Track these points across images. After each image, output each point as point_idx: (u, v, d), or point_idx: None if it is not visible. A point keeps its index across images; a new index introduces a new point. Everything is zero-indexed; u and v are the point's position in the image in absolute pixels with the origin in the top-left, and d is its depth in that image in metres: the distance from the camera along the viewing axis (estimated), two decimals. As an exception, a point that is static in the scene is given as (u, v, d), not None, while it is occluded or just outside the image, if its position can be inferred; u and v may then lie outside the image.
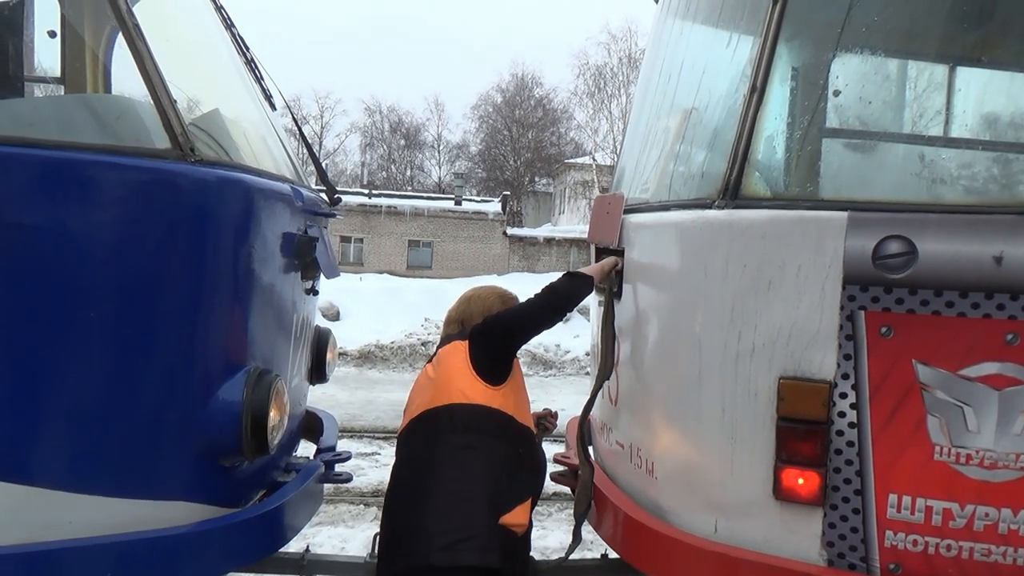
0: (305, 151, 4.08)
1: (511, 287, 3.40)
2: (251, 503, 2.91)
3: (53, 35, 3.69)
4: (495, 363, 2.89)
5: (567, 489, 3.69)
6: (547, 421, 3.46)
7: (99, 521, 2.39)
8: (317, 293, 3.55)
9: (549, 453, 3.29)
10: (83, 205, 2.32)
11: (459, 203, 41.25)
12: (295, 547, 3.35)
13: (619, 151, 3.85)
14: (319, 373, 3.82)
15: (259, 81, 3.70)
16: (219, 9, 3.54)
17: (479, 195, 50.68)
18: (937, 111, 3.17)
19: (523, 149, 56.85)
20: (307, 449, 3.81)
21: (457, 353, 2.90)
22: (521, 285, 4.85)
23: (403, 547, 2.67)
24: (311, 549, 3.54)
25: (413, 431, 2.88)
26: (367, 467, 7.70)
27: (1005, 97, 3.23)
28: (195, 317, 2.55)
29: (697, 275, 2.60)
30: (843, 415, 2.33)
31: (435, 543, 2.58)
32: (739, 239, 2.47)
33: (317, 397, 4.12)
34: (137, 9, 2.53)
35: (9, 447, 2.29)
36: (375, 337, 15.45)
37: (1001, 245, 2.12)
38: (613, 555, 3.22)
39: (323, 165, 4.30)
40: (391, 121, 63.04)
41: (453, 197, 42.84)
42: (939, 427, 2.23)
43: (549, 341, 15.17)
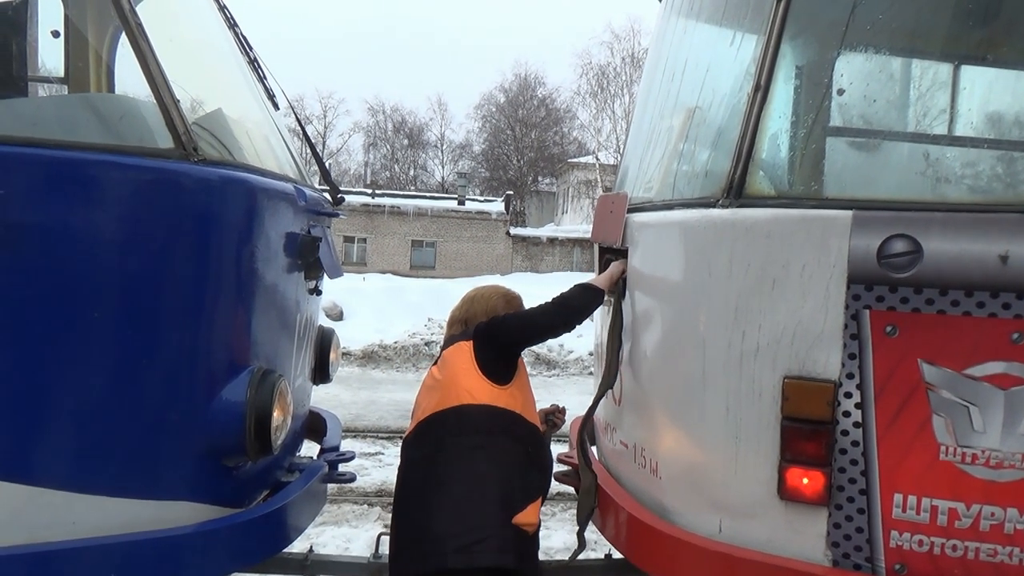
0: (308, 151, 4.08)
1: (514, 287, 3.39)
2: (255, 503, 2.91)
3: (57, 35, 3.70)
4: (500, 364, 2.88)
5: (571, 489, 3.68)
6: (555, 417, 3.44)
7: (102, 521, 2.39)
8: (320, 293, 3.55)
9: (553, 453, 3.28)
10: (86, 205, 2.32)
11: (462, 203, 41.31)
12: (299, 547, 3.36)
13: (622, 150, 3.85)
14: (322, 373, 3.81)
15: (262, 81, 3.70)
16: (222, 9, 3.54)
17: (482, 195, 50.72)
18: (942, 109, 3.16)
19: (526, 149, 56.85)
20: (311, 449, 3.81)
21: (462, 354, 2.89)
22: (524, 285, 4.85)
23: (417, 550, 2.65)
24: (315, 549, 3.55)
25: (422, 434, 2.87)
26: (371, 467, 7.70)
27: (1010, 95, 3.21)
28: (198, 317, 2.55)
29: (701, 274, 2.59)
30: (848, 415, 2.32)
31: (450, 545, 2.57)
32: (743, 238, 2.46)
33: (320, 397, 4.12)
34: (140, 9, 2.53)
35: (12, 447, 2.29)
36: (378, 337, 15.46)
37: (1006, 244, 2.12)
38: (617, 555, 3.21)
39: (326, 165, 4.30)
40: (394, 121, 63.14)
41: (456, 197, 42.91)
42: (945, 427, 2.22)
43: (553, 342, 15.07)
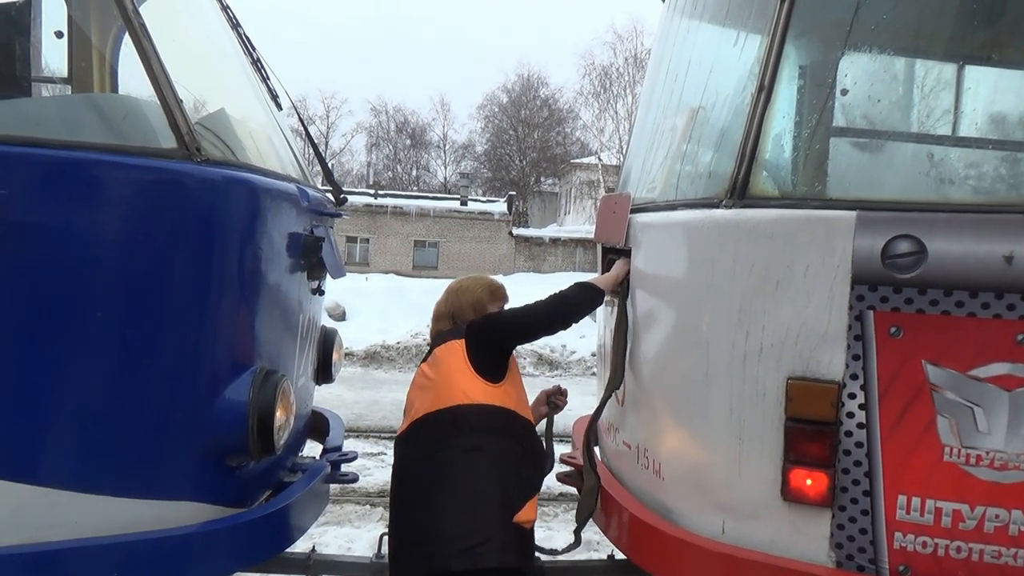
0: (311, 151, 4.08)
1: (517, 287, 3.39)
2: (257, 503, 2.91)
3: (60, 35, 3.70)
4: (493, 362, 2.89)
5: (573, 490, 3.68)
6: (557, 399, 3.38)
7: (105, 521, 2.39)
8: (323, 293, 3.54)
9: (556, 453, 3.28)
10: (89, 204, 2.33)
11: (465, 203, 41.33)
12: (301, 547, 3.36)
13: (625, 151, 3.84)
14: (325, 373, 3.82)
15: (265, 81, 3.70)
16: (225, 9, 3.54)
17: (485, 195, 50.75)
18: (946, 110, 3.15)
19: (529, 149, 56.86)
20: (313, 449, 3.81)
21: (455, 353, 2.89)
22: (527, 285, 4.85)
23: (419, 551, 2.67)
24: (317, 549, 3.55)
25: (417, 433, 2.87)
26: (373, 467, 7.69)
27: (1014, 96, 3.21)
28: (201, 317, 2.55)
29: (704, 275, 2.59)
30: (852, 416, 2.31)
31: (453, 547, 2.59)
32: (747, 239, 2.45)
33: (323, 397, 4.12)
34: (143, 9, 2.53)
35: (15, 446, 2.29)
36: (381, 337, 15.46)
37: (1011, 245, 2.11)
38: (620, 556, 3.21)
39: (329, 165, 4.30)
40: (397, 121, 63.24)
41: (459, 197, 42.96)
42: (949, 428, 2.22)
43: (555, 342, 15.17)
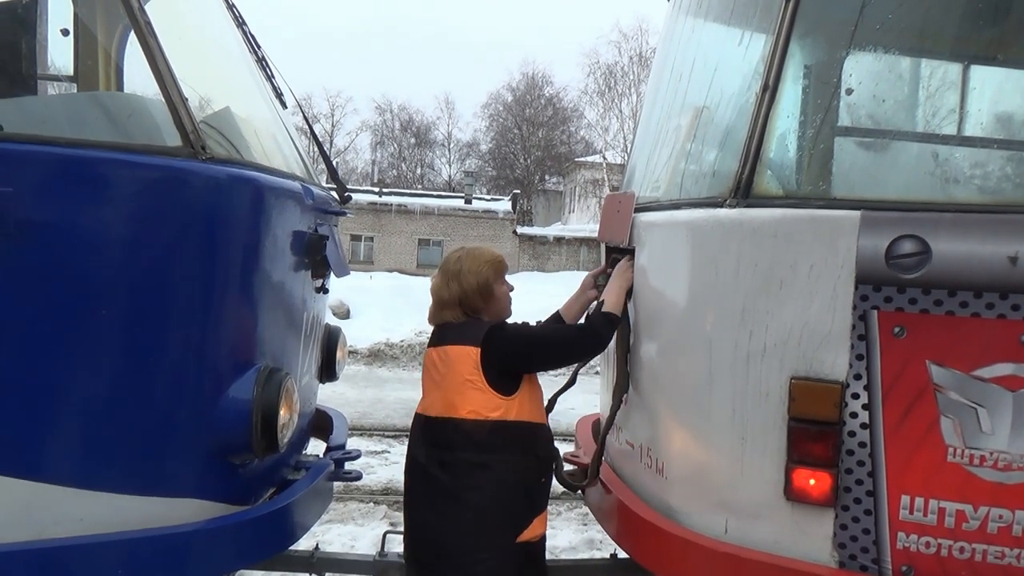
0: (316, 149, 4.09)
1: (521, 286, 3.38)
2: (261, 501, 2.92)
3: (66, 33, 3.71)
4: (507, 378, 2.76)
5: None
6: (604, 279, 3.23)
7: (109, 518, 2.40)
8: (327, 291, 3.55)
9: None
10: (94, 202, 2.34)
11: (469, 202, 41.32)
12: (305, 545, 3.36)
13: (629, 149, 3.84)
14: (329, 371, 3.83)
15: (270, 79, 3.71)
16: (230, 7, 3.54)
17: (489, 194, 50.69)
18: (951, 109, 3.13)
19: (533, 148, 56.78)
20: (317, 447, 3.82)
21: (468, 361, 2.72)
22: (531, 284, 4.84)
23: (424, 553, 2.78)
24: (320, 547, 3.54)
25: (425, 434, 2.82)
26: (376, 465, 7.69)
27: (1020, 95, 3.19)
28: (205, 315, 2.56)
29: (708, 274, 2.59)
30: (855, 416, 2.31)
31: (451, 562, 2.67)
32: (750, 238, 2.45)
33: (327, 395, 4.13)
34: (149, 7, 2.54)
35: (20, 443, 2.30)
36: (385, 335, 15.45)
37: (1016, 245, 2.10)
38: (623, 555, 3.21)
39: (334, 163, 4.31)
40: (402, 119, 63.14)
41: (463, 196, 42.92)
42: (953, 428, 2.21)
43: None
